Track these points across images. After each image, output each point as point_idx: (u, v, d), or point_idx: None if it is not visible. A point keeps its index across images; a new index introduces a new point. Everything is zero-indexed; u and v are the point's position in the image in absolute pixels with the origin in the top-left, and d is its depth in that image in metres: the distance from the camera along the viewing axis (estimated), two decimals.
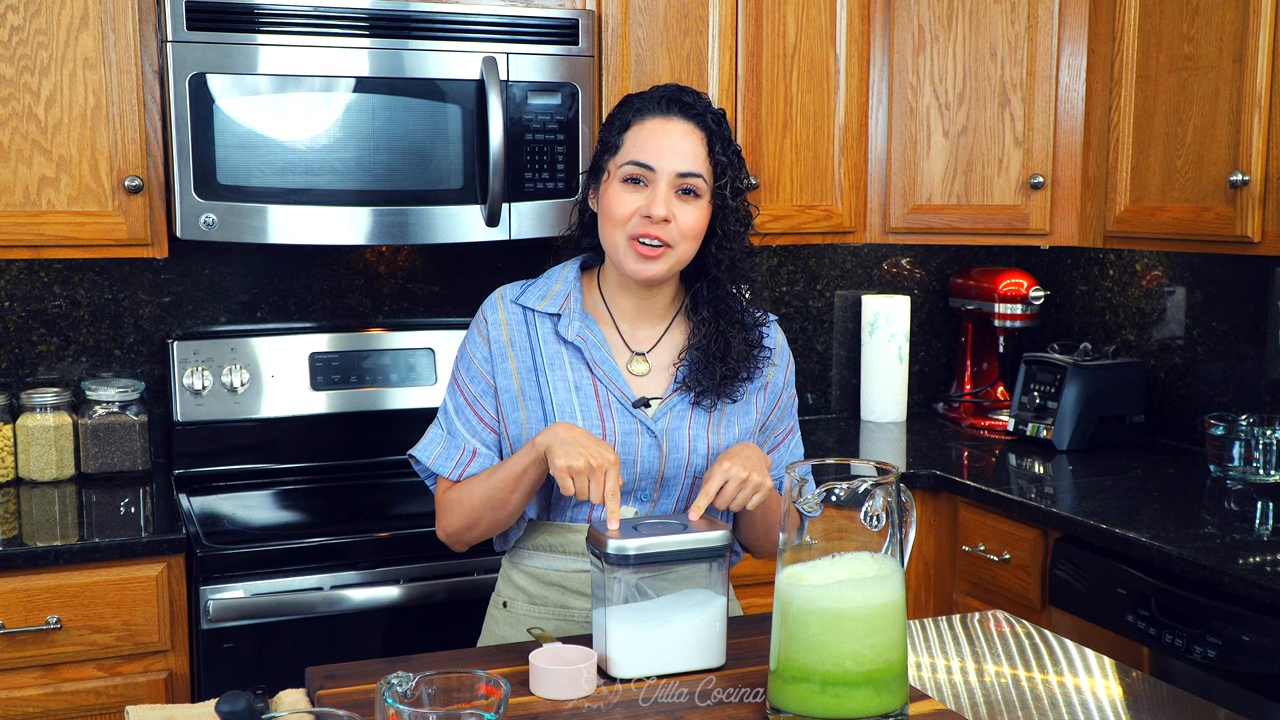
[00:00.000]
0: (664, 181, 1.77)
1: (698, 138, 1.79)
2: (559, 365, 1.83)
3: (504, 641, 1.87)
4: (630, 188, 1.78)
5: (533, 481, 1.76)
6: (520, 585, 1.88)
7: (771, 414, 1.93)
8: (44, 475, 2.67)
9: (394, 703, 1.24)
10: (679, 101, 1.81)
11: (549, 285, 1.88)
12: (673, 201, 1.77)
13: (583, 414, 1.80)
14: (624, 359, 1.86)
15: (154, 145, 2.50)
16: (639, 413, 1.82)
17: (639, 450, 1.81)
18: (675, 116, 1.80)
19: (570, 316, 1.84)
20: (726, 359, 1.82)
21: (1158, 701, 1.69)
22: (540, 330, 1.85)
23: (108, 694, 2.28)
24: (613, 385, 1.82)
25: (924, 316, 3.58)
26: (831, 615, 1.39)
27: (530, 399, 1.82)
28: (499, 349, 1.85)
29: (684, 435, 1.82)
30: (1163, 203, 2.70)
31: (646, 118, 1.80)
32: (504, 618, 1.90)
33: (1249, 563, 2.14)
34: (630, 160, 1.78)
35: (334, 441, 2.90)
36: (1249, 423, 2.69)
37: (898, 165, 3.08)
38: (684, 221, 1.77)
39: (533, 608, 1.87)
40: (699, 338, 1.84)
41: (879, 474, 1.44)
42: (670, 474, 1.82)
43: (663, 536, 1.59)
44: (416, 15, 2.56)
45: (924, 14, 3.02)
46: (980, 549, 2.70)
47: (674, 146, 1.78)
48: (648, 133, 1.79)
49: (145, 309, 2.86)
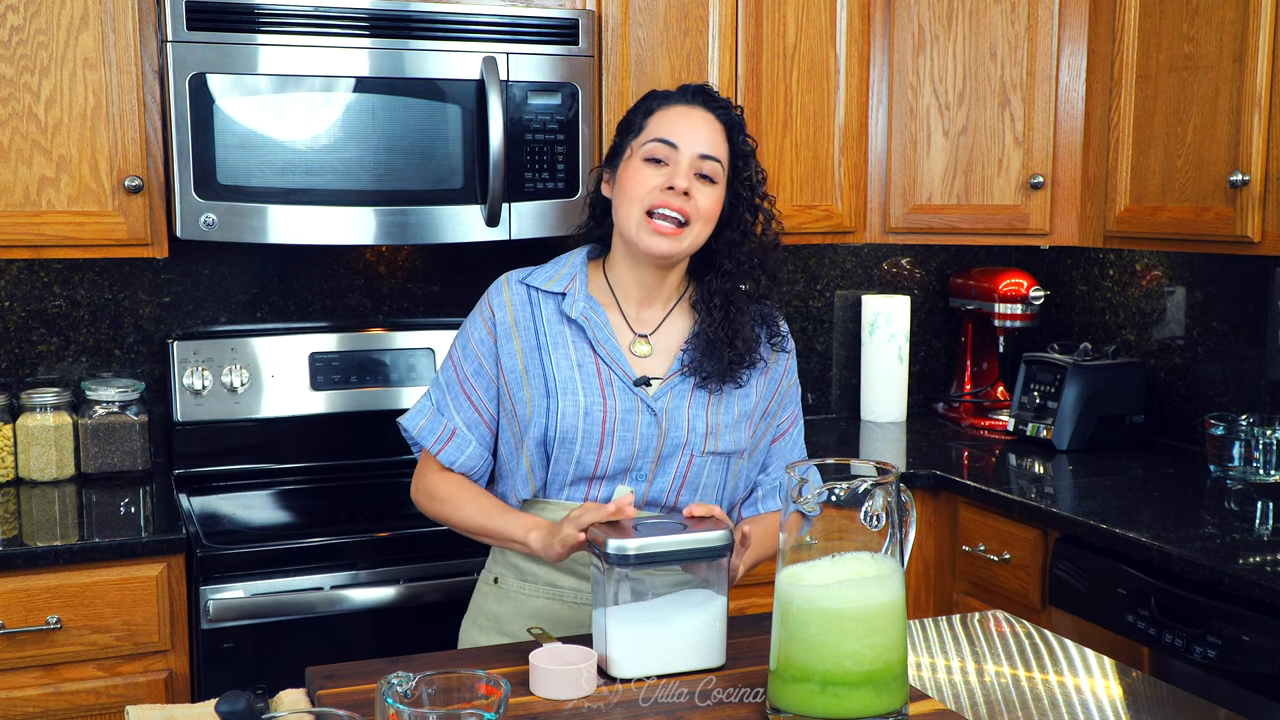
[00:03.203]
0: (685, 160, 1.83)
1: (719, 127, 1.87)
2: (562, 344, 1.87)
3: (491, 617, 1.92)
4: (651, 166, 1.84)
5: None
6: (511, 561, 1.92)
7: (772, 400, 1.96)
8: (44, 475, 2.67)
9: (394, 703, 1.24)
10: (703, 93, 1.90)
11: (556, 269, 1.94)
12: (693, 181, 1.82)
13: (584, 390, 1.83)
14: (627, 340, 1.90)
15: (154, 145, 2.50)
16: (640, 391, 1.84)
17: (638, 428, 1.83)
18: (698, 106, 1.88)
19: (575, 296, 1.88)
20: (734, 344, 1.86)
21: (1158, 701, 1.69)
22: (545, 310, 1.89)
23: (108, 694, 2.28)
24: (614, 364, 1.86)
25: (924, 316, 3.58)
26: (831, 615, 1.39)
27: (534, 377, 1.86)
28: (504, 330, 1.89)
29: (683, 414, 1.85)
30: (1163, 203, 2.70)
31: (672, 104, 1.88)
32: (494, 593, 1.94)
33: (1249, 563, 2.14)
34: (654, 138, 1.84)
35: (334, 441, 2.90)
36: (1249, 423, 2.69)
37: (898, 165, 3.08)
38: (701, 202, 1.83)
39: (523, 584, 1.90)
40: (706, 325, 1.88)
41: (879, 474, 1.44)
42: (667, 452, 1.85)
43: (663, 536, 1.59)
44: (416, 15, 2.56)
45: (924, 14, 3.02)
46: (980, 549, 2.70)
47: (697, 130, 1.85)
48: (673, 116, 1.86)
49: (145, 309, 2.86)
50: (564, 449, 1.83)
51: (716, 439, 1.85)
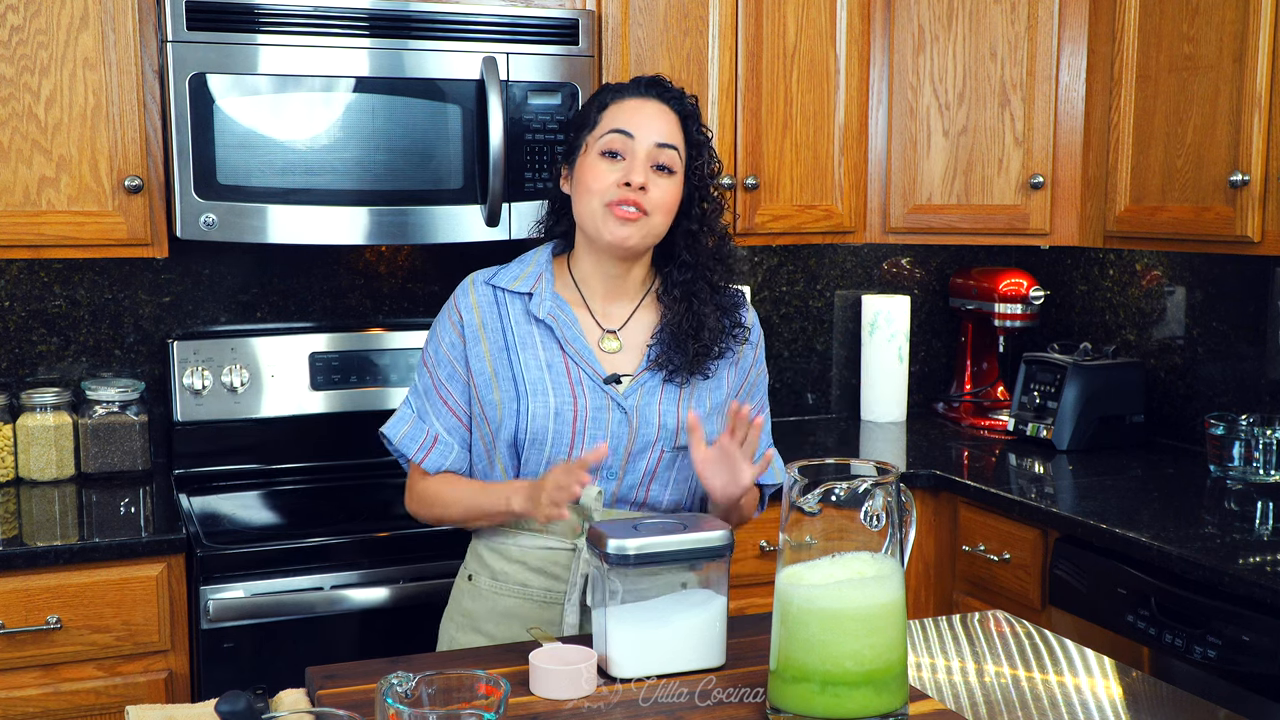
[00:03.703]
0: (642, 151, 1.83)
1: (674, 117, 1.88)
2: (530, 344, 1.87)
3: (467, 614, 1.93)
4: (608, 160, 1.84)
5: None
6: (485, 561, 1.93)
7: (741, 388, 1.97)
8: (44, 475, 2.67)
9: (394, 703, 1.24)
10: (656, 84, 1.91)
11: (521, 268, 1.94)
12: (649, 174, 1.83)
13: (554, 391, 1.84)
14: (595, 337, 1.90)
15: (154, 145, 2.50)
16: (610, 389, 1.85)
17: (609, 426, 1.84)
18: (652, 98, 1.89)
19: (542, 296, 1.89)
20: (699, 336, 1.87)
21: (1158, 701, 1.69)
22: (512, 311, 1.89)
23: (108, 694, 2.28)
24: (584, 362, 1.86)
25: (924, 316, 3.58)
26: (831, 615, 1.39)
27: (503, 379, 1.86)
28: (471, 332, 1.89)
29: (654, 410, 1.86)
30: (1163, 203, 2.70)
31: (626, 97, 1.89)
32: (469, 590, 1.95)
33: (1249, 563, 2.14)
34: (610, 129, 1.85)
35: (334, 441, 2.90)
36: (1249, 423, 2.69)
37: (898, 165, 3.08)
38: (658, 194, 1.84)
39: (495, 584, 1.91)
40: (671, 317, 1.89)
41: (879, 474, 1.44)
42: (637, 449, 1.85)
43: (663, 536, 1.59)
44: (416, 15, 2.56)
45: (924, 14, 3.02)
46: (980, 549, 2.70)
47: (651, 120, 1.86)
48: (627, 109, 1.87)
49: (145, 309, 2.86)
50: (534, 450, 1.85)
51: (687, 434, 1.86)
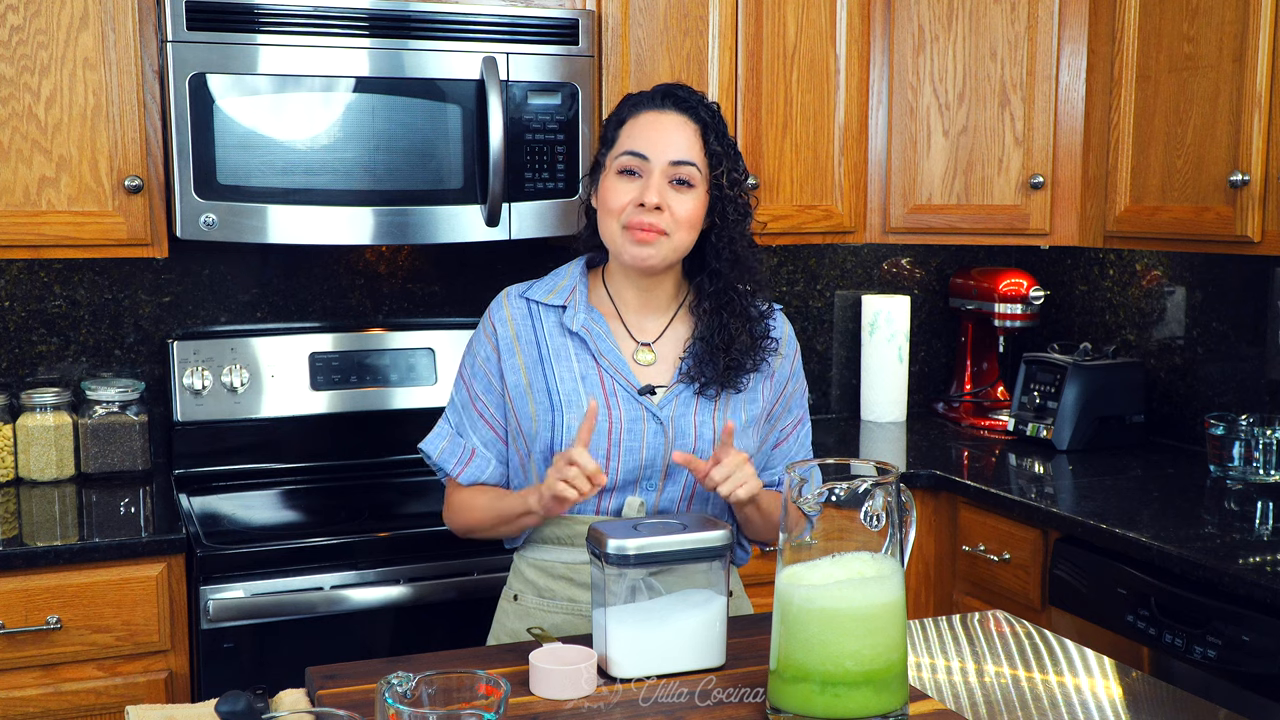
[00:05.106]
0: (657, 170, 1.81)
1: (692, 129, 1.84)
2: (565, 357, 1.86)
3: (513, 634, 1.90)
4: (626, 179, 1.82)
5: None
6: (529, 578, 1.90)
7: (776, 403, 1.94)
8: (44, 475, 2.67)
9: (394, 703, 1.24)
10: (673, 95, 1.86)
11: (555, 281, 1.92)
12: (666, 191, 1.81)
13: (589, 403, 1.81)
14: (629, 349, 1.88)
15: (154, 145, 2.50)
16: (645, 400, 1.83)
17: (645, 437, 1.82)
18: (669, 110, 1.85)
19: (575, 308, 1.87)
20: (730, 350, 1.85)
21: (1158, 701, 1.69)
22: (546, 323, 1.88)
23: (108, 694, 2.28)
24: (618, 374, 1.85)
25: (924, 316, 3.58)
26: (831, 615, 1.39)
27: (538, 391, 1.85)
28: (506, 345, 1.88)
29: (689, 422, 1.84)
30: (1163, 203, 2.70)
31: (642, 111, 1.86)
32: (514, 610, 1.92)
33: (1249, 563, 2.14)
34: (625, 150, 1.83)
35: (334, 441, 2.90)
36: (1249, 423, 2.69)
37: (898, 165, 3.08)
38: (679, 210, 1.81)
39: (541, 600, 1.88)
40: (702, 329, 1.87)
41: (879, 474, 1.44)
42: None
43: (663, 536, 1.59)
44: (416, 15, 2.56)
45: (924, 14, 3.02)
46: (980, 549, 2.70)
47: (668, 137, 1.82)
48: (642, 125, 1.84)
49: (145, 309, 2.86)
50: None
51: None
